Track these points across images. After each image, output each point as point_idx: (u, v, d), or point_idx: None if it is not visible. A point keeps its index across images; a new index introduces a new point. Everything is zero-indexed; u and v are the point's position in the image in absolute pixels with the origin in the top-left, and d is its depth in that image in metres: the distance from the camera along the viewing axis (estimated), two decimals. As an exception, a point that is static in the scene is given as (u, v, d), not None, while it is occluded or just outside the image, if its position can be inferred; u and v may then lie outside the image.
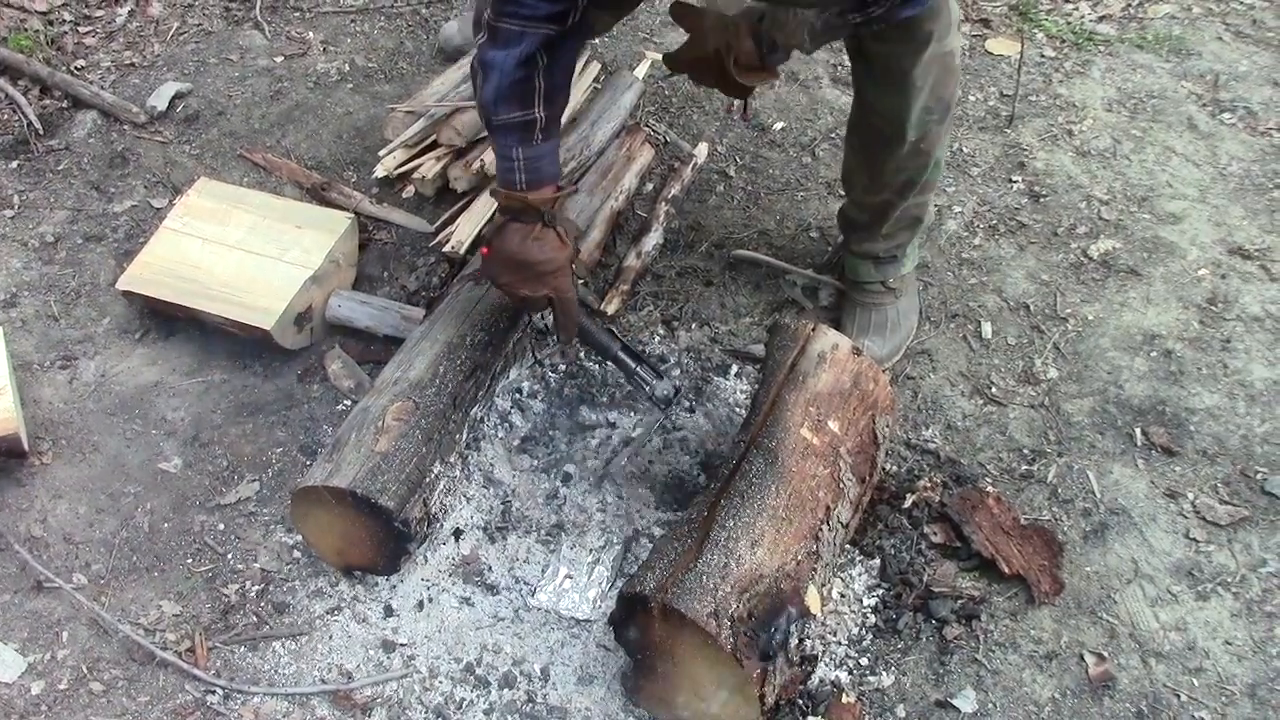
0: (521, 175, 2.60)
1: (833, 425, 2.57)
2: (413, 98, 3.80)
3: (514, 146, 2.58)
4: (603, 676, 2.56)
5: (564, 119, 2.71)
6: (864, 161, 2.98)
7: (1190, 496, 2.83)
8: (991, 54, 4.11)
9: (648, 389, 2.84)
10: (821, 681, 2.54)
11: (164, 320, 3.32)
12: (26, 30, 4.11)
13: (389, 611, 2.68)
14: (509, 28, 2.46)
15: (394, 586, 2.72)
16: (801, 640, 2.35)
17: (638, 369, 2.84)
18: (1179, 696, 2.50)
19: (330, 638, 2.65)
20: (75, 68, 4.10)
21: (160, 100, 3.94)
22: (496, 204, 2.70)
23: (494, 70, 2.50)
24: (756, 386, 2.83)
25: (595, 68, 3.83)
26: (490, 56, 2.50)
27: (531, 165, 2.59)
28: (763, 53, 2.58)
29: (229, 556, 2.82)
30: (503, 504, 2.86)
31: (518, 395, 3.01)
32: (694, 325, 3.26)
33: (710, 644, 2.21)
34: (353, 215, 3.41)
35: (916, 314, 3.22)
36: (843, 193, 3.19)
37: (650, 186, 3.65)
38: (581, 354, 3.08)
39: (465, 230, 3.40)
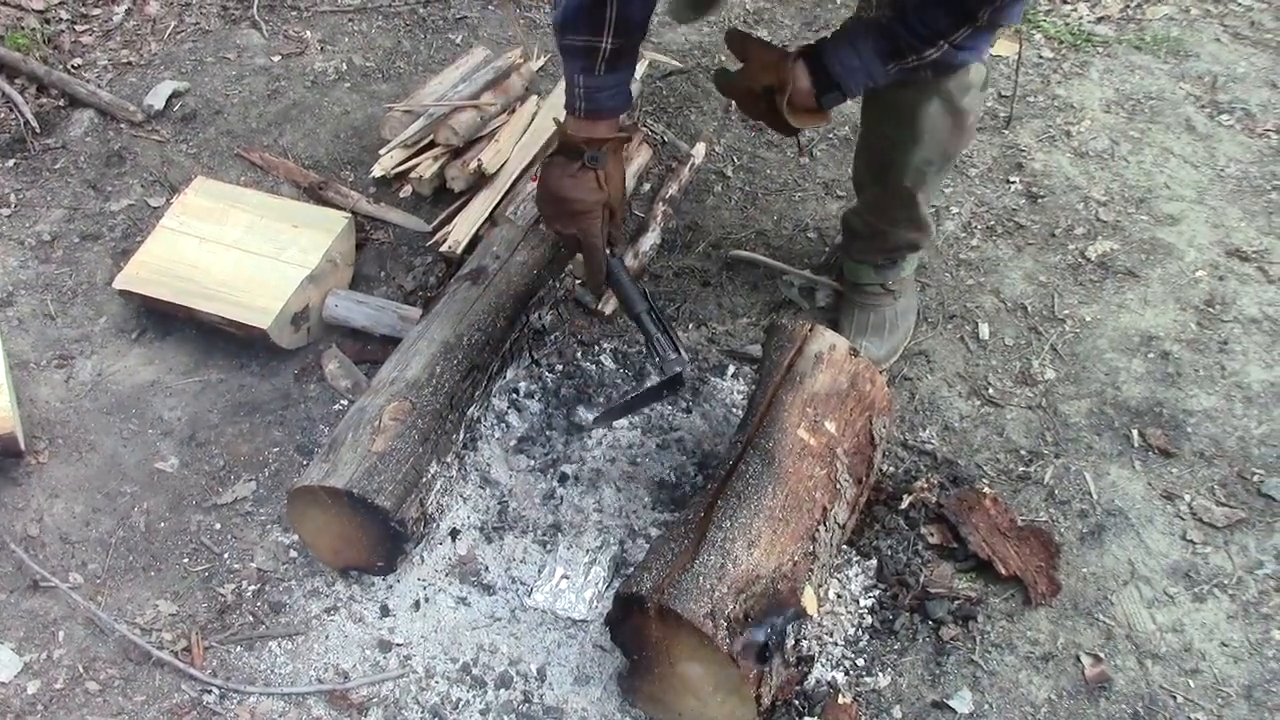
0: (581, 103, 2.61)
1: (830, 426, 2.57)
2: (410, 97, 3.80)
3: (577, 73, 2.58)
4: (599, 677, 2.56)
5: (636, 59, 2.69)
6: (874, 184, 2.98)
7: (1187, 498, 2.83)
8: (990, 55, 4.11)
9: (658, 358, 2.76)
10: (818, 682, 2.54)
11: (161, 319, 3.31)
12: (23, 28, 4.10)
13: (385, 611, 2.68)
14: None
15: (390, 586, 2.72)
16: (798, 641, 2.36)
17: (657, 335, 2.77)
18: (1175, 698, 2.50)
19: (326, 637, 2.65)
20: (72, 66, 4.10)
21: (157, 99, 3.93)
22: (557, 138, 2.71)
23: None
24: (753, 387, 2.82)
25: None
26: None
27: (591, 94, 2.60)
28: (818, 95, 2.55)
29: (225, 556, 2.82)
30: (499, 504, 2.86)
31: (514, 395, 3.01)
32: (691, 326, 3.26)
33: (707, 645, 2.21)
34: (350, 215, 3.41)
35: (914, 315, 3.22)
36: (842, 195, 3.17)
37: (648, 186, 3.65)
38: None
39: (462, 230, 3.41)
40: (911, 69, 2.46)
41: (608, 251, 2.73)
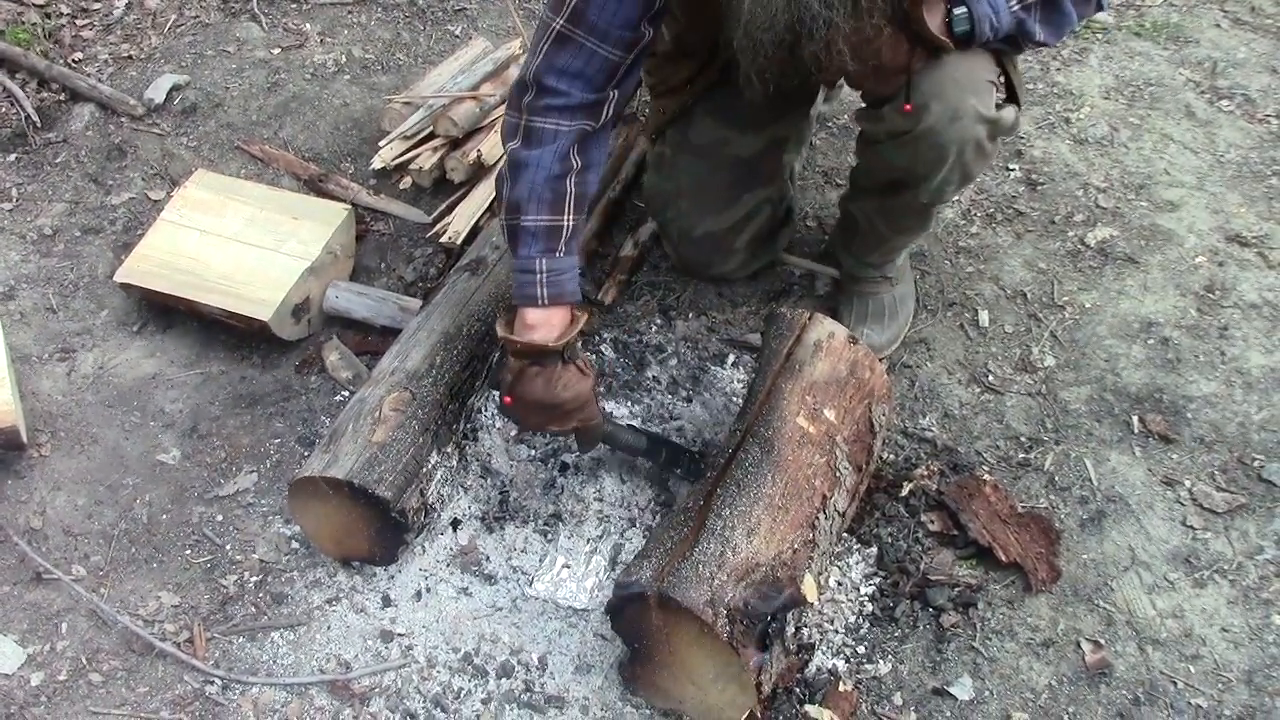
0: (543, 290, 2.49)
1: (829, 414, 2.58)
2: (410, 89, 3.80)
3: (538, 257, 2.48)
4: (600, 665, 2.56)
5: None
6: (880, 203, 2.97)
7: (1187, 484, 2.83)
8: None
9: (686, 469, 2.80)
10: (819, 670, 2.54)
11: (162, 312, 3.32)
12: (24, 23, 4.10)
13: (387, 601, 2.68)
14: (543, 125, 2.44)
15: (392, 577, 2.72)
16: (798, 629, 2.36)
17: (669, 453, 2.81)
18: (1176, 683, 2.51)
19: (328, 628, 2.66)
20: (73, 60, 4.10)
21: (157, 93, 3.93)
22: (509, 350, 2.57)
23: (528, 168, 2.46)
24: (753, 375, 2.82)
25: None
26: (523, 156, 2.46)
27: (554, 279, 2.49)
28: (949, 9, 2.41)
29: (227, 547, 2.82)
30: (500, 494, 2.86)
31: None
32: (691, 314, 3.26)
33: (707, 633, 2.22)
34: (350, 206, 3.41)
35: (913, 300, 3.22)
36: (841, 183, 3.16)
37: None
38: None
39: (462, 221, 3.41)
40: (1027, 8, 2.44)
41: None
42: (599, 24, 2.37)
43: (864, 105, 2.72)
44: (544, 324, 2.50)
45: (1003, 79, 2.57)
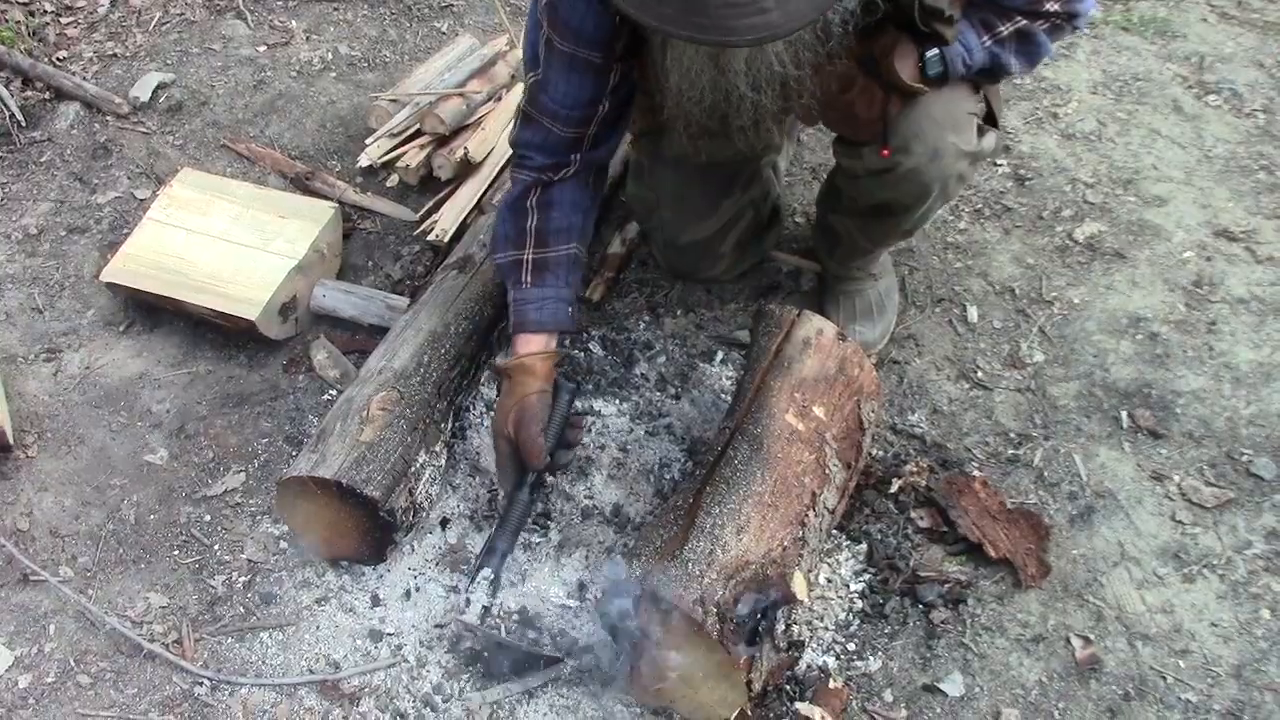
0: (511, 318, 2.67)
1: (818, 411, 2.57)
2: (396, 86, 3.79)
3: (510, 289, 2.67)
4: (590, 664, 2.55)
5: (571, 273, 2.70)
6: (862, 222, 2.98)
7: (1176, 479, 2.84)
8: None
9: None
10: (809, 667, 2.54)
11: (148, 312, 3.31)
12: (8, 21, 4.08)
13: (376, 601, 2.68)
14: (515, 175, 2.70)
15: (381, 576, 2.72)
16: (788, 626, 2.36)
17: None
18: (1165, 678, 2.51)
19: (317, 628, 2.65)
20: (57, 59, 4.08)
21: (143, 91, 3.92)
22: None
23: (497, 214, 2.74)
24: (742, 372, 2.82)
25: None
26: (499, 203, 2.71)
27: (519, 309, 2.65)
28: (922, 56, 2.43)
29: (215, 548, 2.81)
30: (489, 493, 2.85)
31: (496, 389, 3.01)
32: (679, 311, 3.26)
33: (697, 631, 2.21)
34: (337, 204, 3.41)
35: (897, 291, 3.23)
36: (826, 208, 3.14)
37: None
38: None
39: (449, 218, 3.40)
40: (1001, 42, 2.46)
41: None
42: (549, 106, 2.57)
43: (841, 139, 2.74)
44: (523, 348, 2.65)
45: (983, 101, 2.58)
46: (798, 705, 2.47)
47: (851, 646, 2.59)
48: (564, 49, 2.47)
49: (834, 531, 2.72)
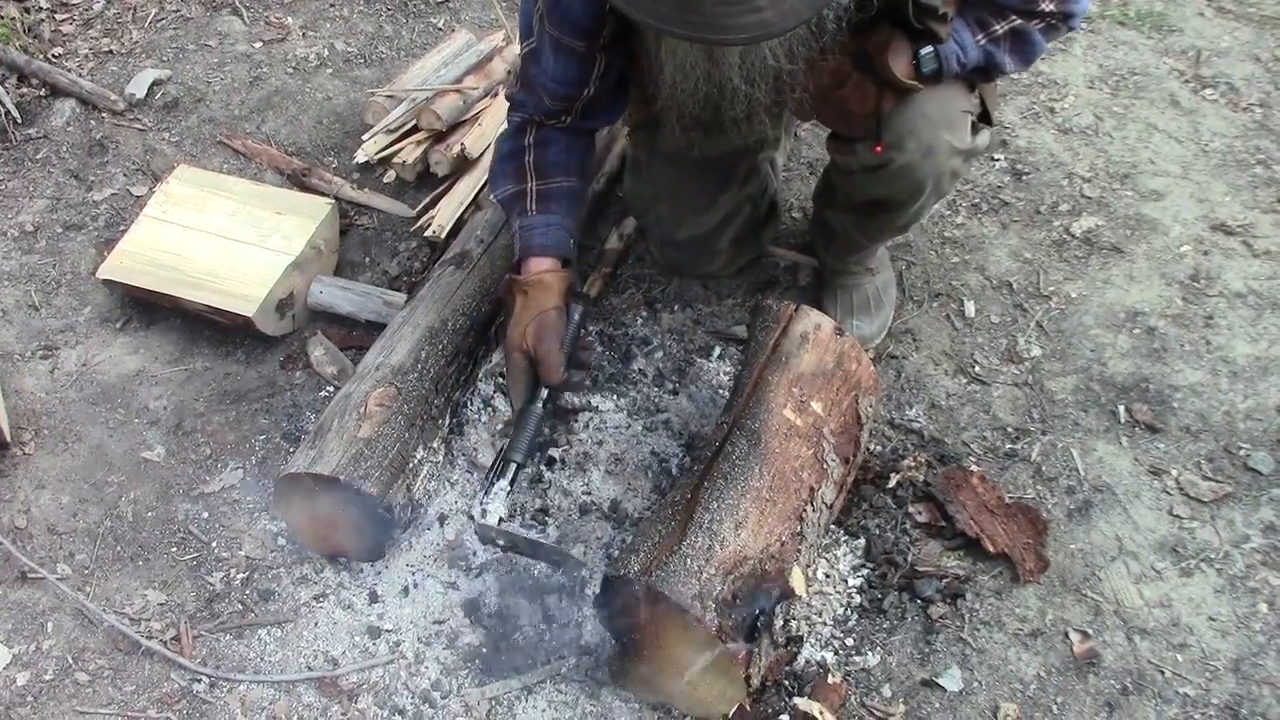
0: (518, 244, 2.67)
1: (816, 406, 2.57)
2: (393, 82, 3.79)
3: (515, 219, 2.68)
4: (588, 660, 2.56)
5: (572, 204, 2.73)
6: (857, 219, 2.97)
7: (1174, 473, 2.84)
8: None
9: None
10: (807, 662, 2.54)
11: (145, 308, 3.30)
12: (3, 18, 4.07)
13: (374, 597, 2.68)
14: (510, 118, 2.75)
15: (379, 572, 2.72)
16: (786, 621, 2.36)
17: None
18: (1163, 673, 2.51)
19: (316, 624, 2.65)
20: (53, 55, 4.08)
21: (139, 87, 3.92)
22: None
23: (494, 154, 2.78)
24: (739, 368, 2.82)
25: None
26: (495, 142, 2.80)
27: (525, 234, 2.66)
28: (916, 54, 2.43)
29: (213, 545, 2.81)
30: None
31: (500, 379, 3.00)
32: (677, 307, 3.26)
33: (695, 626, 2.21)
34: (333, 201, 3.40)
35: (894, 285, 3.22)
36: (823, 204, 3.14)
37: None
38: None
39: (446, 214, 3.40)
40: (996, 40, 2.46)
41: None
42: (539, 79, 2.61)
43: (835, 135, 2.74)
44: (536, 267, 2.65)
45: (977, 99, 2.58)
46: (796, 700, 2.47)
47: (850, 642, 2.59)
48: (551, 33, 2.49)
49: (832, 527, 2.72)
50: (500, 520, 2.54)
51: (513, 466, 2.57)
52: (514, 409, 2.67)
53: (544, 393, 2.61)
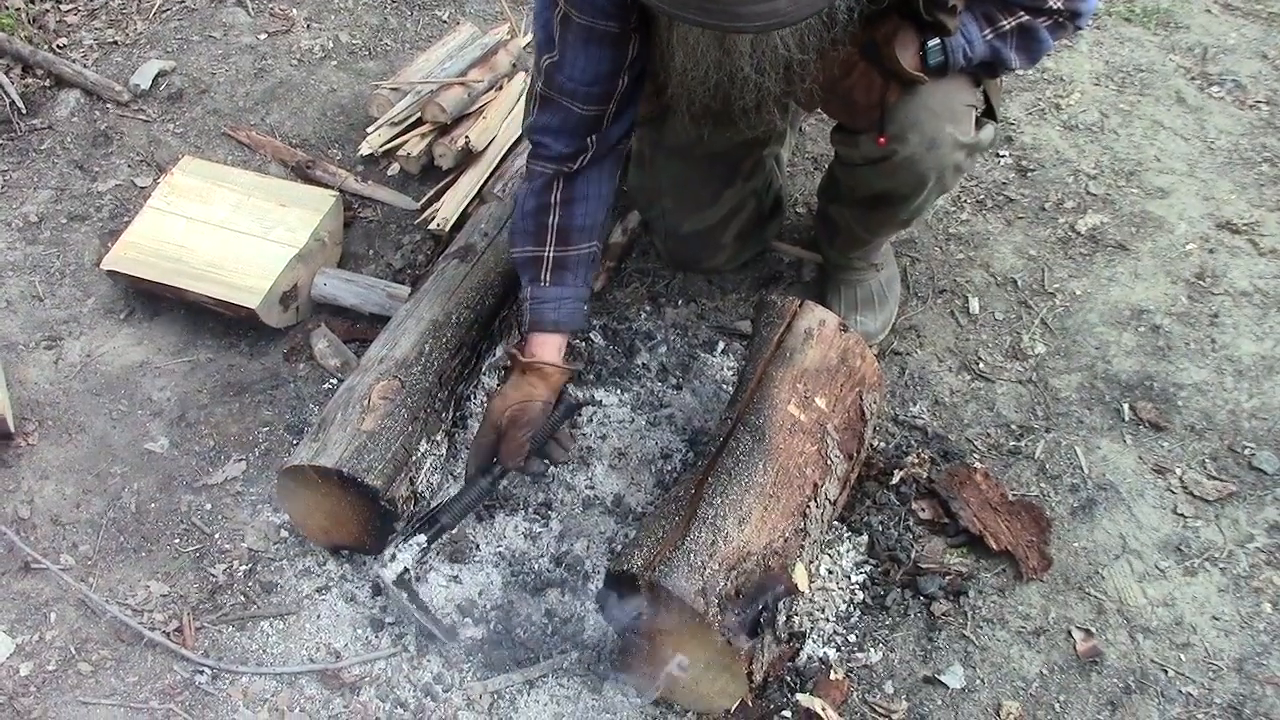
0: (526, 316, 2.65)
1: (820, 402, 2.57)
2: (398, 75, 3.79)
3: (527, 285, 2.65)
4: (591, 654, 2.56)
5: (589, 271, 2.70)
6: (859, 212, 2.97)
7: (1178, 472, 2.83)
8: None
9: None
10: (810, 658, 2.54)
11: (149, 300, 3.30)
12: (8, 8, 4.07)
13: (377, 590, 2.67)
14: (532, 167, 2.61)
15: (382, 565, 2.71)
16: (789, 617, 2.36)
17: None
18: (1166, 672, 2.51)
19: (318, 617, 2.65)
20: (57, 46, 4.07)
21: (143, 78, 3.91)
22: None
23: (516, 205, 2.69)
24: (743, 363, 2.82)
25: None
26: (518, 192, 2.72)
27: (535, 307, 2.63)
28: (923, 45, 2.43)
29: (216, 536, 2.81)
30: (490, 482, 2.84)
31: (504, 373, 3.00)
32: (681, 302, 3.25)
33: (698, 622, 2.21)
34: (337, 193, 3.40)
35: (899, 281, 3.22)
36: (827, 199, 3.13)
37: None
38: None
39: (450, 207, 3.40)
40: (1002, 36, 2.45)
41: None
42: (567, 85, 2.50)
43: (839, 128, 2.73)
44: (539, 349, 2.63)
45: (981, 94, 2.58)
46: (798, 696, 2.46)
47: (852, 638, 2.59)
48: (582, 22, 2.43)
49: (835, 523, 2.72)
50: (404, 571, 2.55)
51: (437, 527, 2.59)
52: (466, 475, 2.69)
53: (498, 469, 2.62)
